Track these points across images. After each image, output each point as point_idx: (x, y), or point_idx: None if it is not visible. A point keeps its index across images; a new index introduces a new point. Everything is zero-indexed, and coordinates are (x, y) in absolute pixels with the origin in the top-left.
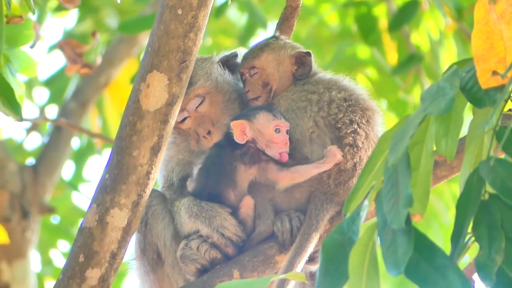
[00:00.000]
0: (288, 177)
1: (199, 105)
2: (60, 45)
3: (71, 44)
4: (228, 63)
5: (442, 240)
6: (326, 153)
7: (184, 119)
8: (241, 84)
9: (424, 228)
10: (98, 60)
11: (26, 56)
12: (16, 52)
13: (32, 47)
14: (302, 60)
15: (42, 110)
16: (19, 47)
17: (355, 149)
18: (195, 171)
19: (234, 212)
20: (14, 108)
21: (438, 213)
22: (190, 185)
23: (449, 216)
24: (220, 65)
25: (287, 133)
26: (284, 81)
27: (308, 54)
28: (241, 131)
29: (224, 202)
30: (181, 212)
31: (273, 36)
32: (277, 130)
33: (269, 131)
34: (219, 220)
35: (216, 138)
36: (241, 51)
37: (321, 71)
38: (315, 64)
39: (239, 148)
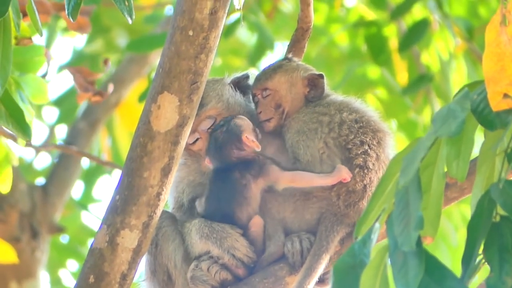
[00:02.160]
0: (288, 178)
1: (210, 126)
2: (72, 72)
3: (82, 72)
4: (240, 84)
5: (450, 261)
6: (334, 169)
7: (196, 140)
8: (252, 106)
9: (432, 249)
10: (110, 88)
11: (37, 82)
12: (27, 79)
13: (44, 76)
14: (314, 82)
15: (51, 130)
16: (29, 73)
17: (365, 171)
18: (203, 200)
19: (244, 233)
20: (23, 130)
21: (447, 234)
22: (199, 207)
23: (458, 237)
24: (231, 87)
25: None
26: (296, 103)
27: (321, 76)
28: (251, 141)
29: (236, 222)
30: (192, 233)
31: (286, 58)
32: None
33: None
34: (230, 241)
35: None
36: (253, 73)
37: (333, 93)
38: (327, 86)
39: (245, 164)
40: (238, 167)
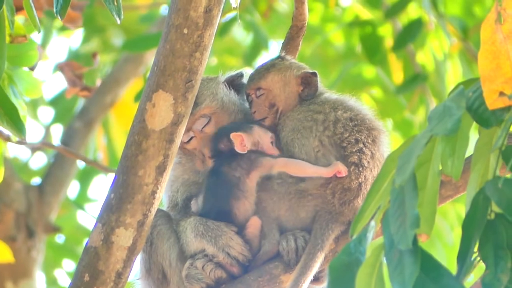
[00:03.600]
0: (282, 163)
1: (205, 125)
2: (61, 67)
3: (71, 66)
4: (234, 83)
5: (445, 260)
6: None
7: (190, 139)
8: (246, 104)
9: (428, 248)
10: (98, 82)
11: (30, 77)
12: (20, 73)
13: (32, 69)
14: (308, 80)
15: (47, 129)
16: (22, 67)
17: (360, 168)
18: (198, 199)
19: (240, 231)
20: (18, 127)
21: (442, 233)
22: (194, 206)
23: (453, 236)
24: (226, 85)
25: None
26: (290, 101)
27: (314, 74)
28: (240, 142)
29: (233, 218)
30: (187, 231)
31: (279, 57)
32: (272, 143)
33: (266, 141)
34: (225, 239)
35: None
36: (247, 71)
37: (327, 91)
38: (321, 84)
39: (234, 159)
40: (228, 160)
